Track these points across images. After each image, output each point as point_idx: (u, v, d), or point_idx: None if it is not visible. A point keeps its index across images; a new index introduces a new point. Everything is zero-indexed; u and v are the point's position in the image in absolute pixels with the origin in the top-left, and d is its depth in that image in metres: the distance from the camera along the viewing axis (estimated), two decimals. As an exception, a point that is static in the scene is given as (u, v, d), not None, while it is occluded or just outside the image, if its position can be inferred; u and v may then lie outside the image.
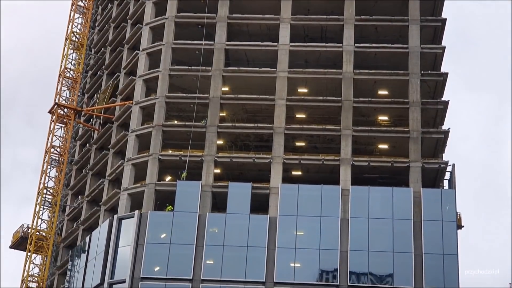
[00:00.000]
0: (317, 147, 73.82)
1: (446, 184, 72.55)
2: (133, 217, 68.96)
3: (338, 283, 65.13)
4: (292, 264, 66.25)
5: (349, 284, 65.07)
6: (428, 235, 66.54)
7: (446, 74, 73.40)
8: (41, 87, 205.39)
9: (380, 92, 74.61)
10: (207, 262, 66.63)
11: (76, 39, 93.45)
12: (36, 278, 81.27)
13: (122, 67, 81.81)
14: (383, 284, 65.44)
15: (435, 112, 73.11)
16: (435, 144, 72.57)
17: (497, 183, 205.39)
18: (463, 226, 73.34)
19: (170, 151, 73.14)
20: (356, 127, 71.41)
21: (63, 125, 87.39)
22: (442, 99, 74.47)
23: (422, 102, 71.84)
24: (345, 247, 66.21)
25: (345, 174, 69.47)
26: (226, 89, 75.39)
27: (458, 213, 69.85)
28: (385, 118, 74.51)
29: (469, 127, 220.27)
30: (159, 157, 71.59)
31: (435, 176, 71.56)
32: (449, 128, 72.00)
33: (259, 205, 68.90)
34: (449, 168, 70.89)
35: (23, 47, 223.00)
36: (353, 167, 69.94)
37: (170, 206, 69.11)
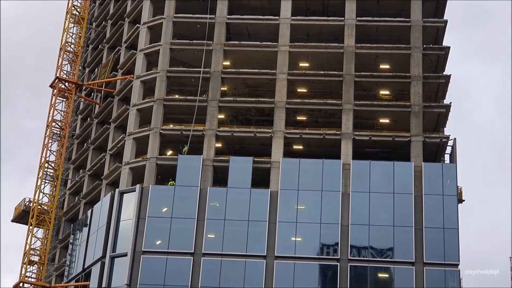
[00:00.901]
0: (318, 122, 73.76)
1: (447, 158, 72.62)
2: (135, 191, 69.13)
3: (339, 257, 65.42)
4: (293, 238, 66.47)
5: (349, 257, 65.35)
6: (429, 209, 66.72)
7: (448, 48, 73.16)
8: (47, 56, 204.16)
9: (381, 66, 74.40)
10: (208, 236, 66.88)
11: (77, 13, 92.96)
12: (38, 252, 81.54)
13: (123, 41, 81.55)
14: (384, 258, 65.72)
15: (436, 86, 72.93)
16: (437, 118, 72.48)
17: (508, 153, 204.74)
18: (464, 200, 73.55)
19: (171, 125, 73.15)
20: (357, 102, 71.29)
21: (64, 99, 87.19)
22: (444, 73, 74.24)
23: (424, 76, 71.66)
24: (346, 221, 66.39)
25: (346, 148, 69.49)
26: (227, 63, 75.19)
27: (459, 187, 69.94)
28: (387, 92, 74.35)
29: (483, 97, 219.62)
30: (160, 131, 71.60)
31: (436, 151, 71.59)
32: (450, 103, 71.95)
33: (260, 179, 69.00)
34: (450, 143, 70.98)
35: (27, 15, 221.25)
36: (354, 142, 69.95)
37: (172, 181, 69.24)
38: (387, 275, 65.91)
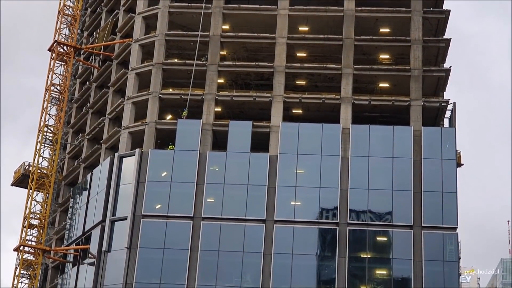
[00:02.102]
0: (317, 86, 73.59)
1: (446, 122, 72.63)
2: (134, 155, 69.21)
3: (338, 221, 65.69)
4: (292, 202, 66.69)
5: (348, 221, 65.64)
6: (428, 173, 66.88)
7: (448, 11, 72.72)
8: (51, 15, 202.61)
9: (381, 30, 73.95)
10: (208, 200, 67.10)
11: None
12: (38, 215, 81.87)
13: (121, 4, 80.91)
14: (382, 222, 66.03)
15: (436, 50, 72.69)
16: (436, 82, 72.34)
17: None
18: (462, 164, 73.62)
19: (171, 90, 72.96)
20: (357, 66, 71.06)
21: (63, 63, 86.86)
22: (444, 36, 73.84)
23: (424, 40, 71.35)
24: (345, 185, 66.58)
25: (346, 112, 69.43)
26: (226, 27, 74.75)
27: (458, 151, 70.02)
28: (387, 56, 74.04)
29: (499, 54, 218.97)
30: (160, 95, 71.43)
31: (435, 115, 71.57)
32: (450, 67, 71.81)
33: (260, 143, 69.06)
34: (449, 107, 70.92)
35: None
36: (354, 106, 69.86)
37: (172, 146, 69.31)
38: (385, 239, 66.33)
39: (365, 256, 65.54)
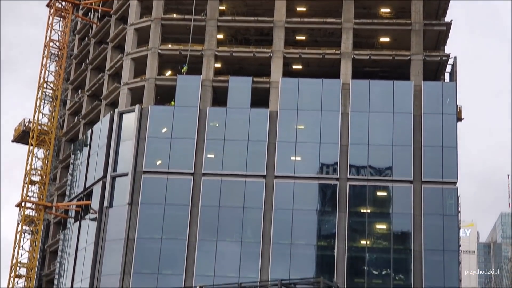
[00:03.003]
0: (317, 41, 73.13)
1: (447, 77, 72.35)
2: (134, 111, 69.14)
3: (338, 176, 65.89)
4: (292, 158, 66.81)
5: (349, 177, 65.84)
6: (428, 128, 66.86)
7: (449, -36, 72.04)
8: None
9: (382, -17, 73.34)
10: (208, 156, 67.22)
11: None
12: (39, 172, 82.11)
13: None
14: (383, 177, 66.20)
15: (437, 4, 72.10)
16: (437, 36, 71.86)
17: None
18: (463, 119, 73.57)
19: (170, 45, 72.53)
20: (357, 20, 70.54)
21: (61, 19, 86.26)
22: (445, -10, 73.24)
23: (424, -7, 70.78)
24: (345, 141, 66.64)
25: (346, 67, 69.15)
26: (225, -19, 74.07)
27: (458, 106, 69.93)
28: (387, 10, 73.47)
29: None
30: (159, 51, 71.07)
31: (436, 69, 71.26)
32: (451, 20, 71.25)
33: (260, 99, 68.91)
34: (450, 61, 70.56)
35: None
36: (354, 61, 69.54)
37: (174, 102, 69.25)
38: (385, 194, 66.61)
39: (365, 211, 65.87)
